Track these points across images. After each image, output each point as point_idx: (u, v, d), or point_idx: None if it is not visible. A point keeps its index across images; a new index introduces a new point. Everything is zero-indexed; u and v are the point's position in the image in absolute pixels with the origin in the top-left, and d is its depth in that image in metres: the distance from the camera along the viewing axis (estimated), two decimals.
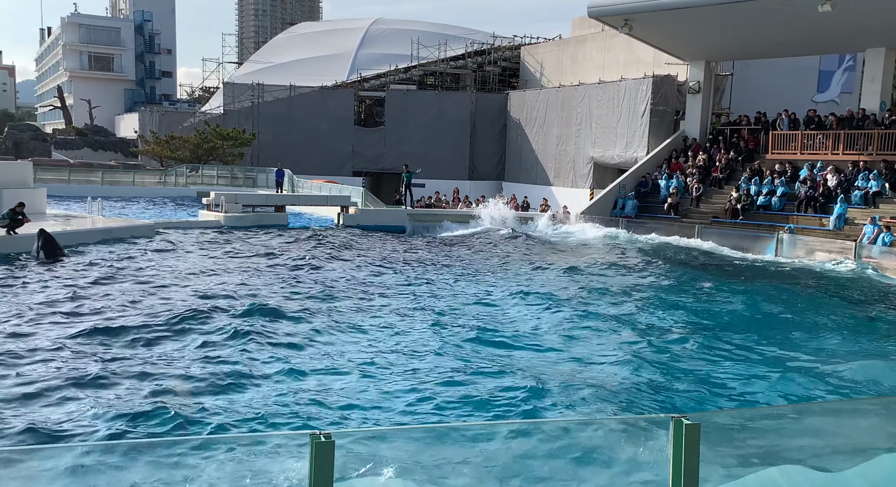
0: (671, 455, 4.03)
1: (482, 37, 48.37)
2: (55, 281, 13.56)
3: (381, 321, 11.30)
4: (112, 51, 79.04)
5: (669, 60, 29.98)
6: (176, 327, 10.31)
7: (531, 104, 38.94)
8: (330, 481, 3.44)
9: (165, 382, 7.90)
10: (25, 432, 6.43)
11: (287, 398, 7.57)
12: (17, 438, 6.29)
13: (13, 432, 6.42)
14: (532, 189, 36.54)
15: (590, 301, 13.56)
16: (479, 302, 13.19)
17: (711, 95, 29.47)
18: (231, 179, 40.88)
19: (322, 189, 32.21)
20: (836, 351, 10.64)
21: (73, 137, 59.12)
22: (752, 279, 17.22)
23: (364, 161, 42.32)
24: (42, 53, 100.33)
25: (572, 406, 7.66)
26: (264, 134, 42.32)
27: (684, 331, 11.37)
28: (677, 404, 7.94)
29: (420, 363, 9.11)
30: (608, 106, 32.85)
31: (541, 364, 9.27)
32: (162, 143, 44.03)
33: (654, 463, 4.37)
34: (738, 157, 26.86)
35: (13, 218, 16.83)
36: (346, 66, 46.91)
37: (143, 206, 32.91)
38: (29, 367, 8.25)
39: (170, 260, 16.79)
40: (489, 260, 18.79)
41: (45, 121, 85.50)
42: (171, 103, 74.08)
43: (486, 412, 7.47)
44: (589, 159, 34.35)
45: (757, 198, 24.34)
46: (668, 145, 29.26)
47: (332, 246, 20.34)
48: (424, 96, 42.98)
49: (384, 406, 7.54)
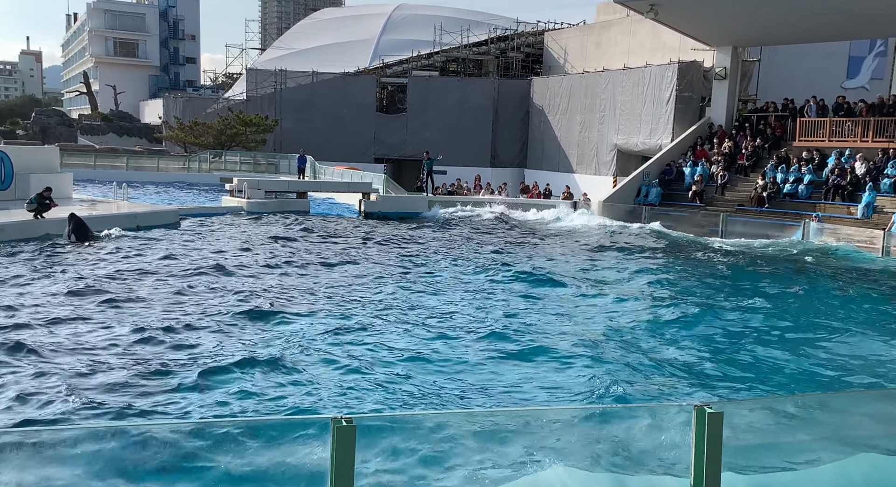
0: (693, 445, 4.00)
1: (505, 22, 48.03)
2: (89, 262, 13.75)
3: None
4: (137, 37, 79.63)
5: (695, 46, 29.57)
6: (210, 312, 10.40)
7: (554, 90, 38.64)
8: (351, 465, 3.45)
9: (190, 365, 7.98)
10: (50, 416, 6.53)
11: (311, 383, 7.61)
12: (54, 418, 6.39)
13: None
14: (554, 176, 36.33)
15: (605, 289, 13.47)
16: (490, 286, 13.17)
17: (738, 81, 29.03)
18: (254, 165, 41.11)
19: (344, 175, 32.27)
20: (862, 341, 10.49)
21: (98, 123, 59.76)
22: (777, 267, 17.01)
23: (386, 147, 42.31)
24: (68, 39, 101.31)
25: (594, 395, 7.62)
26: (287, 120, 42.44)
27: (706, 319, 11.26)
28: (700, 392, 7.88)
29: (448, 347, 9.12)
30: (633, 92, 32.51)
31: (563, 351, 9.23)
32: (186, 129, 44.36)
33: (675, 452, 4.34)
34: (765, 145, 26.48)
35: (40, 202, 17.05)
36: (369, 52, 46.83)
37: (167, 192, 33.20)
38: (70, 350, 8.37)
39: (205, 242, 16.94)
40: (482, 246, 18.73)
41: (72, 107, 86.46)
42: (195, 89, 74.56)
43: (507, 398, 7.46)
44: (612, 146, 34.06)
45: (783, 185, 23.99)
46: (694, 132, 28.91)
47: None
48: (447, 82, 42.81)
49: (408, 390, 7.56)
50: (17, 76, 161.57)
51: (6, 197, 20.80)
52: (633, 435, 4.47)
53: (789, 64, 31.33)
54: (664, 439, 4.48)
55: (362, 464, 3.70)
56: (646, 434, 4.52)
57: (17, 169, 21.39)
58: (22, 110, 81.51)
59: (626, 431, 4.49)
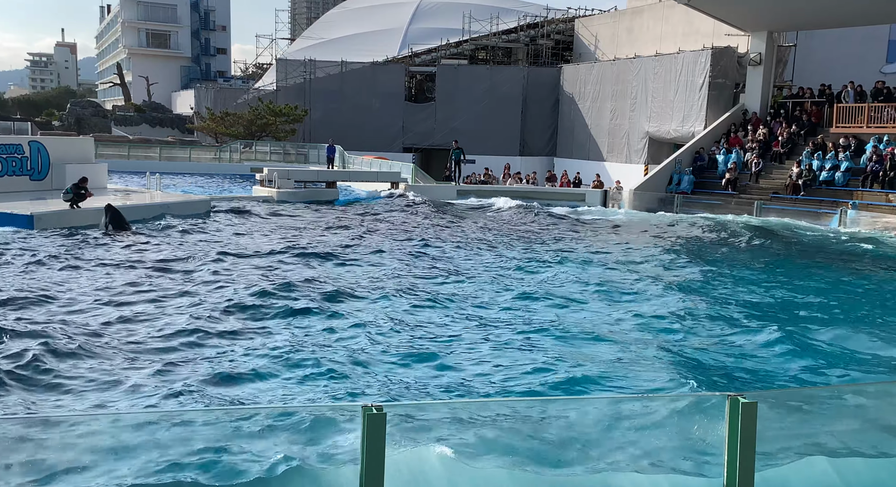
0: (727, 435, 3.95)
1: (535, 9, 47.63)
2: (129, 252, 13.97)
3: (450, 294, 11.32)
4: (169, 28, 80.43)
5: (730, 31, 29.05)
6: (248, 299, 10.50)
7: (585, 78, 38.28)
8: (382, 452, 3.47)
9: (229, 354, 8.07)
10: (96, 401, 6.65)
11: (344, 370, 7.66)
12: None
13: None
14: (585, 165, 36.03)
15: (640, 278, 13.34)
16: (523, 273, 13.12)
17: (773, 67, 28.48)
18: (283, 155, 41.37)
19: (372, 165, 32.35)
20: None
21: (131, 114, 60.56)
22: (812, 256, 16.72)
23: (414, 137, 42.30)
24: (102, 31, 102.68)
25: (626, 383, 7.56)
26: (316, 110, 42.61)
27: (741, 309, 11.10)
28: (733, 382, 7.77)
29: (482, 336, 9.12)
30: (665, 79, 32.08)
31: (593, 340, 9.17)
32: (217, 120, 44.77)
33: (708, 442, 4.29)
34: (801, 131, 25.98)
35: (76, 192, 17.33)
36: (398, 40, 46.77)
37: (199, 182, 33.57)
38: (115, 339, 8.52)
39: (240, 231, 17.13)
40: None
41: (105, 98, 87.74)
42: (226, 80, 75.19)
43: (537, 387, 7.43)
44: (644, 134, 33.68)
45: (819, 173, 23.54)
46: (727, 119, 28.45)
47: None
48: (476, 71, 42.62)
49: (441, 379, 7.57)
50: (52, 68, 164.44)
51: (43, 187, 21.20)
52: (667, 424, 4.43)
53: (826, 49, 30.64)
54: (697, 429, 4.43)
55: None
56: (678, 423, 4.47)
57: (54, 159, 21.77)
58: (57, 101, 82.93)
59: (659, 420, 4.44)
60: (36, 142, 21.98)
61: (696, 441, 4.42)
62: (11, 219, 16.17)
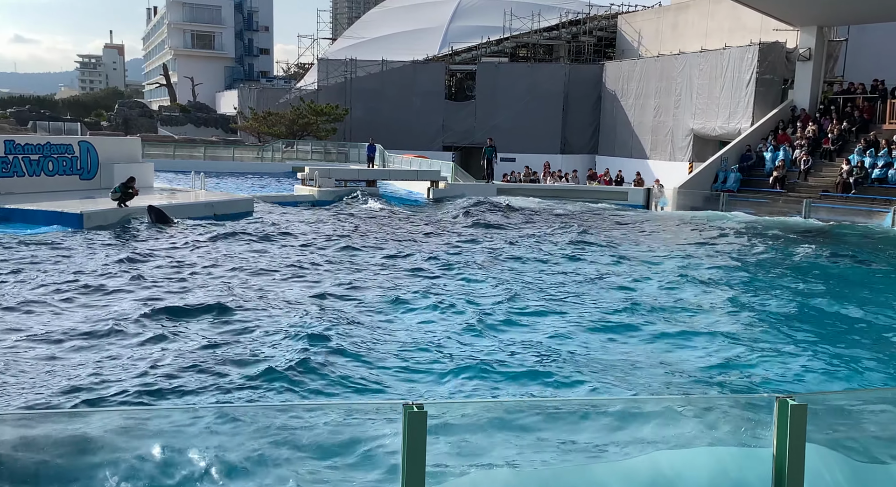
0: (775, 438, 3.83)
1: (577, 6, 47.23)
2: (173, 247, 14.24)
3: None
4: (213, 29, 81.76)
5: (778, 26, 28.40)
6: (284, 295, 10.60)
7: (628, 75, 37.82)
8: (423, 451, 3.43)
9: (266, 350, 8.13)
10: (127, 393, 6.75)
11: (384, 368, 7.66)
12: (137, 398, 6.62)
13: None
14: (627, 162, 35.61)
15: (683, 277, 13.10)
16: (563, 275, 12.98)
17: (823, 63, 27.77)
18: (324, 154, 41.72)
19: (412, 164, 32.42)
20: None
21: (177, 114, 61.70)
22: (864, 256, 16.24)
23: (454, 135, 42.28)
24: (148, 32, 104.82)
25: (672, 385, 7.42)
26: (357, 109, 42.88)
27: (789, 309, 10.83)
28: (783, 384, 7.57)
29: (509, 335, 9.05)
30: (710, 75, 31.51)
31: (637, 341, 9.03)
32: (259, 119, 45.37)
33: (757, 445, 4.17)
34: (852, 128, 25.28)
35: (124, 191, 17.68)
36: (438, 39, 46.80)
37: (242, 181, 34.03)
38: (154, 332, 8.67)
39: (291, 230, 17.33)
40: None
41: (152, 98, 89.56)
42: (268, 80, 76.12)
43: (578, 387, 7.34)
44: (688, 131, 33.14)
45: (872, 170, 22.87)
46: (775, 116, 27.82)
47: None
48: (516, 68, 42.41)
49: (483, 378, 7.52)
50: (101, 69, 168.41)
51: (92, 186, 21.69)
52: (714, 426, 4.32)
53: (879, 43, 29.73)
54: (744, 430, 4.32)
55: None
56: (726, 424, 4.37)
57: (102, 159, 22.26)
58: (106, 102, 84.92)
59: (707, 421, 4.34)
60: (85, 143, 22.50)
61: (745, 444, 4.30)
62: (62, 217, 16.58)
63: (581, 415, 4.32)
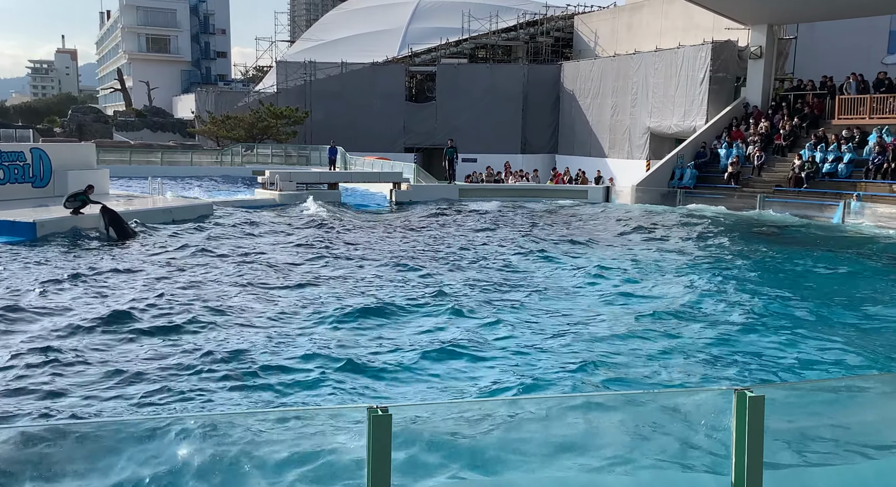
0: (734, 429, 3.92)
1: (534, 7, 47.59)
2: (137, 255, 13.98)
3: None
4: (168, 32, 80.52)
5: (730, 25, 28.98)
6: (248, 299, 10.51)
7: (585, 74, 38.23)
8: (388, 454, 3.45)
9: (227, 356, 8.06)
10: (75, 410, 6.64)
11: (346, 372, 7.65)
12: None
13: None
14: (586, 161, 36.00)
15: (640, 271, 13.31)
16: (512, 270, 13.10)
17: (774, 60, 28.41)
18: (285, 157, 41.39)
19: (374, 165, 32.34)
20: None
21: (132, 119, 60.66)
22: (816, 249, 16.66)
23: (416, 137, 42.29)
24: (102, 36, 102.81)
25: (630, 379, 7.54)
26: (317, 111, 42.63)
27: (743, 302, 11.07)
28: (740, 376, 7.75)
29: (471, 331, 9.10)
30: (665, 74, 32.03)
31: (594, 336, 9.15)
32: (218, 123, 44.80)
33: (715, 437, 4.26)
34: (803, 124, 25.91)
35: (82, 200, 17.27)
36: (397, 40, 46.76)
37: (201, 185, 33.58)
38: (109, 341, 8.52)
39: (239, 235, 17.14)
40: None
41: (107, 104, 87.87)
42: (226, 83, 75.21)
43: (541, 386, 7.42)
44: (645, 129, 33.63)
45: (822, 165, 23.47)
46: (729, 113, 28.39)
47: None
48: (476, 69, 42.59)
49: (444, 380, 7.56)
50: (53, 74, 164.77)
51: (45, 194, 21.19)
52: (670, 420, 4.40)
53: (827, 41, 30.56)
54: (703, 423, 4.41)
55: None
56: (684, 418, 4.45)
57: (56, 166, 21.78)
58: (59, 108, 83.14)
59: (663, 416, 4.42)
60: (38, 150, 21.99)
61: (704, 436, 4.40)
62: (14, 226, 16.18)
63: (543, 416, 4.37)
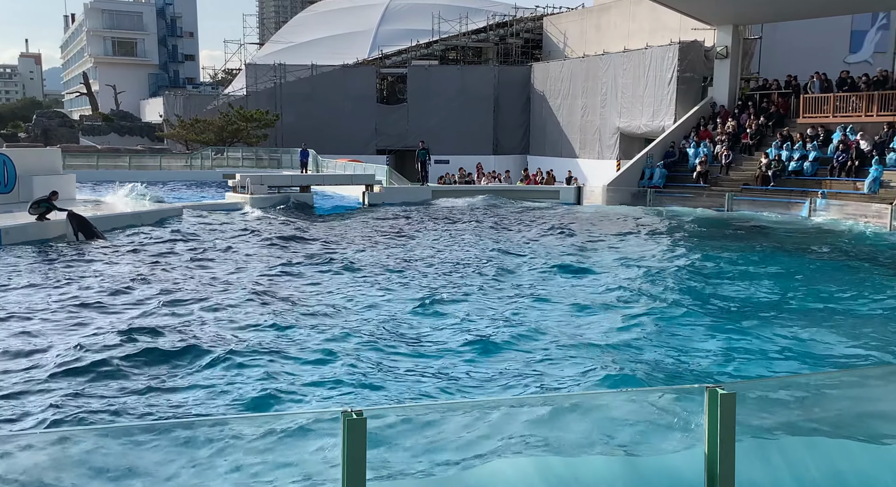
0: (706, 427, 3.96)
1: (504, 8, 47.78)
2: (105, 261, 13.77)
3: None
4: (135, 35, 79.50)
5: (696, 26, 29.36)
6: (221, 305, 10.41)
7: (555, 76, 38.46)
8: (363, 458, 3.43)
9: (202, 360, 7.98)
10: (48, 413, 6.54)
11: (320, 375, 7.61)
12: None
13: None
14: (557, 162, 36.20)
15: (610, 270, 13.42)
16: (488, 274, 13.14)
17: (740, 60, 28.84)
18: (256, 161, 41.05)
19: (346, 168, 32.22)
20: (871, 317, 10.44)
21: (99, 123, 59.77)
22: (782, 245, 16.93)
23: (387, 139, 42.22)
24: (67, 40, 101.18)
25: (601, 379, 7.59)
26: (287, 114, 42.36)
27: (712, 299, 11.21)
28: (711, 374, 7.84)
29: (438, 331, 9.11)
30: (634, 74, 32.33)
31: (563, 336, 9.20)
32: (187, 127, 44.31)
33: (688, 436, 4.31)
34: (769, 123, 26.33)
35: (47, 206, 16.98)
36: (368, 42, 46.64)
37: (171, 190, 33.19)
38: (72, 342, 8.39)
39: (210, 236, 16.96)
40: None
41: (72, 108, 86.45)
42: (195, 86, 74.48)
43: (512, 386, 7.44)
44: (615, 130, 33.91)
45: (788, 163, 23.87)
46: (696, 113, 28.76)
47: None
48: (446, 71, 42.64)
49: (418, 382, 7.55)
50: (17, 79, 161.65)
51: (9, 200, 20.78)
52: (644, 419, 4.44)
53: (791, 40, 31.10)
54: (676, 422, 4.45)
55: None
56: (657, 417, 4.49)
57: (20, 171, 21.38)
58: (23, 113, 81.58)
59: (636, 415, 4.45)
60: (2, 155, 21.56)
61: (675, 435, 4.43)
62: None
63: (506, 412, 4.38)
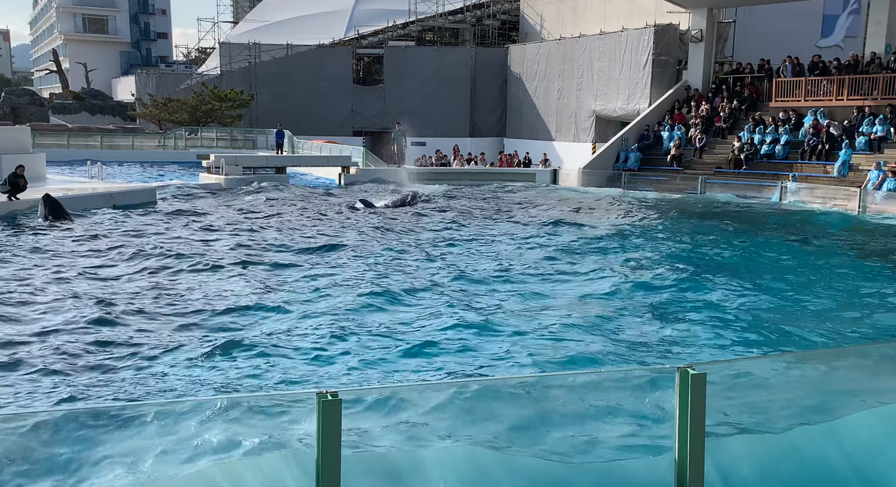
0: (677, 407, 4.03)
1: None
2: (70, 241, 13.59)
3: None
4: (106, 12, 77.88)
5: (671, 9, 29.42)
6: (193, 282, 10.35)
7: (531, 58, 38.38)
8: (338, 440, 3.46)
9: (174, 339, 7.95)
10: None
11: (295, 357, 7.62)
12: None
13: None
14: (534, 144, 36.24)
15: (584, 253, 13.53)
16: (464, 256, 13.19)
17: (714, 44, 28.96)
18: (231, 141, 40.53)
19: (322, 149, 32.00)
20: (839, 298, 10.65)
21: (70, 102, 58.64)
22: (755, 228, 17.16)
23: (364, 120, 41.94)
24: (36, 16, 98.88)
25: (574, 360, 7.68)
26: (263, 94, 41.86)
27: (684, 281, 11.35)
28: (682, 354, 7.97)
29: (413, 314, 9.15)
30: (609, 57, 32.37)
31: (537, 317, 9.28)
32: (160, 106, 43.61)
33: (659, 415, 4.39)
34: (742, 106, 26.54)
35: (13, 182, 16.75)
36: (344, 23, 46.14)
37: (143, 170, 32.77)
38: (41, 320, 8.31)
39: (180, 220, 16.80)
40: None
41: (42, 86, 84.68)
42: (168, 65, 73.21)
43: (487, 367, 7.51)
44: (591, 112, 33.98)
45: (761, 146, 24.12)
46: (671, 96, 28.90)
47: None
48: (423, 52, 42.36)
49: (392, 363, 7.59)
50: None
51: None
52: (617, 400, 4.52)
53: (764, 24, 31.29)
54: (648, 402, 4.53)
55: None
56: (629, 398, 4.57)
57: None
58: None
59: (609, 396, 4.53)
60: None
61: (648, 415, 4.52)
62: None
63: (491, 394, 4.43)
